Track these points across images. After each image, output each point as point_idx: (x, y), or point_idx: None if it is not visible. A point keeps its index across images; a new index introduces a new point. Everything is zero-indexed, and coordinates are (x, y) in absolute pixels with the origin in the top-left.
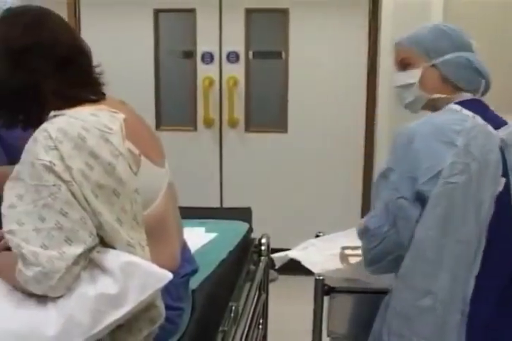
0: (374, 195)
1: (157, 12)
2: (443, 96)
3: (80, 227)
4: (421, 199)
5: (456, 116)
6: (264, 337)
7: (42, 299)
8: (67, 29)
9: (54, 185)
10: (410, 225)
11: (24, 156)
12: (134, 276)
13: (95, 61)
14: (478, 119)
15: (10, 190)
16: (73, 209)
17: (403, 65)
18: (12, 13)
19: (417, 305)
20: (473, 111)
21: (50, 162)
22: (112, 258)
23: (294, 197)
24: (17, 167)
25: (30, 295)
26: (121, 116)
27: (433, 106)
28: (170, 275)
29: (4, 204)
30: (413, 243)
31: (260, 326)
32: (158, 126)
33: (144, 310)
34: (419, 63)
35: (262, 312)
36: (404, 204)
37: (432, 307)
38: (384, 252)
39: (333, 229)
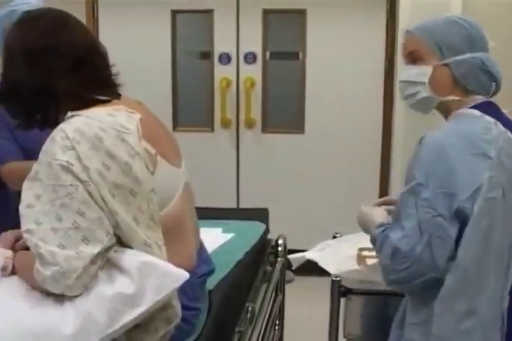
0: (399, 212)
1: (174, 13)
2: (457, 98)
3: (97, 227)
4: (460, 217)
5: (479, 123)
6: (281, 338)
7: (59, 298)
8: (85, 32)
9: (71, 185)
10: (448, 246)
11: (42, 156)
12: (150, 276)
13: (112, 61)
14: (500, 126)
15: (28, 190)
16: (90, 208)
17: (412, 58)
18: (31, 15)
19: (458, 328)
20: (491, 116)
21: (68, 162)
22: (129, 258)
23: (311, 197)
24: (34, 167)
25: (48, 294)
26: (138, 116)
27: (444, 108)
28: (186, 275)
29: (22, 203)
30: (456, 264)
31: (276, 327)
32: (175, 127)
33: (161, 310)
34: (430, 59)
35: (279, 313)
36: (442, 223)
37: (473, 328)
38: (415, 274)
39: (350, 230)
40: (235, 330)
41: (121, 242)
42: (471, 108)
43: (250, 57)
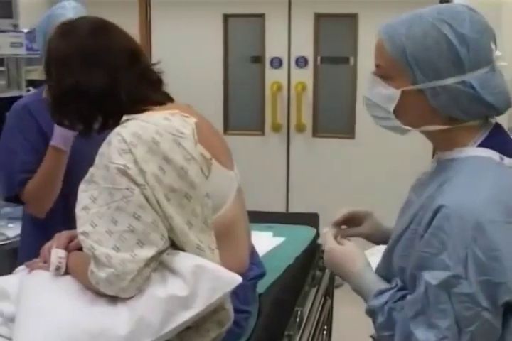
0: (426, 307)
1: (226, 17)
2: (440, 127)
3: (151, 230)
4: (507, 307)
5: (504, 175)
6: None
7: (112, 299)
8: (128, 36)
9: (127, 189)
10: (494, 338)
11: (98, 159)
12: (203, 279)
13: (164, 65)
14: None
15: (83, 192)
16: (146, 212)
17: (379, 73)
18: (72, 23)
19: None
20: (507, 153)
21: (125, 165)
22: (183, 261)
23: (361, 203)
24: (91, 170)
25: (101, 294)
26: (193, 120)
27: (437, 140)
28: (239, 279)
29: (78, 205)
30: None
31: (325, 332)
32: (225, 130)
33: (213, 312)
34: (399, 81)
35: (327, 318)
36: (488, 318)
37: None
38: None
39: None
40: (284, 334)
41: (175, 245)
42: (480, 145)
43: (301, 62)
